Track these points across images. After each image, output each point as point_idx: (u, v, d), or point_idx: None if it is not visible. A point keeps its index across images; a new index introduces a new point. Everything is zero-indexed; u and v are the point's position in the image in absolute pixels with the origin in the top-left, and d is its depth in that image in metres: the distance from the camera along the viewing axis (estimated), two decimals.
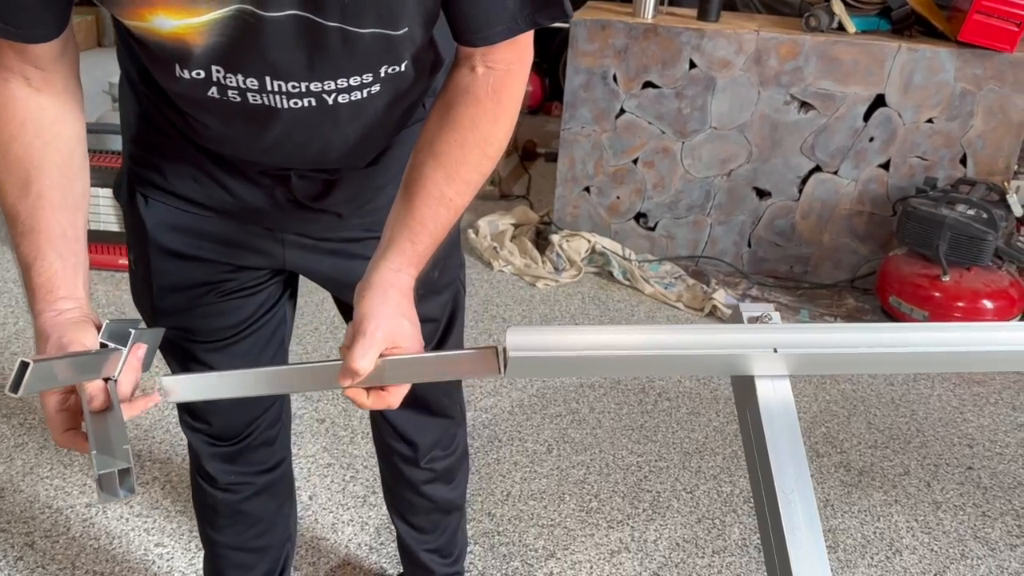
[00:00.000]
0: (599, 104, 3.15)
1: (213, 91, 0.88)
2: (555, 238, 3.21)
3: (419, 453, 1.36)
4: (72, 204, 0.87)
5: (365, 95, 0.92)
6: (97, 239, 2.88)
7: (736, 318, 0.99)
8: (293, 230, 1.11)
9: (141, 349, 0.83)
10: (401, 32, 0.85)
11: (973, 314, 2.76)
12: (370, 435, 2.24)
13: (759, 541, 1.96)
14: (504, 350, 0.84)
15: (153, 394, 0.84)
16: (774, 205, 3.18)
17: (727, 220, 3.24)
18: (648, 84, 3.09)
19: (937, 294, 2.80)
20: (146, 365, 0.89)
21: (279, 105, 0.89)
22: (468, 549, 1.82)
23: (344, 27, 0.81)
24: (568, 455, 2.21)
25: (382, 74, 0.90)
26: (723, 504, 2.08)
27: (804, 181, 3.13)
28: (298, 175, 1.05)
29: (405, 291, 0.87)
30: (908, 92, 2.93)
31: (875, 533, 2.02)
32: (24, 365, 0.69)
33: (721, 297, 2.96)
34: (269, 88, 0.87)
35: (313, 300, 2.81)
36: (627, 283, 3.12)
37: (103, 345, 0.82)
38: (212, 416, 1.24)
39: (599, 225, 3.31)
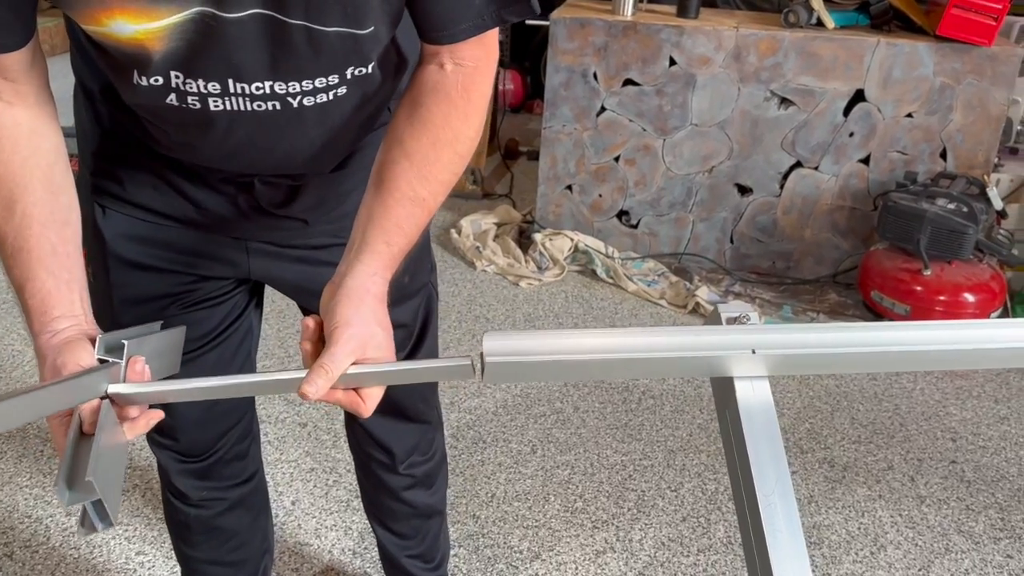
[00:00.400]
0: (580, 102, 3.14)
1: (172, 98, 0.86)
2: (538, 237, 3.21)
3: (397, 460, 1.34)
4: (60, 218, 0.84)
5: (331, 97, 0.90)
6: None
7: (715, 319, 0.98)
8: (257, 237, 1.09)
9: (139, 361, 0.80)
10: (367, 31, 0.83)
11: (955, 308, 2.78)
12: None
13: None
14: (481, 356, 0.83)
15: (156, 412, 0.81)
16: (755, 201, 3.19)
17: (709, 217, 3.24)
18: (628, 82, 3.09)
19: (919, 288, 2.81)
20: (166, 370, 0.87)
21: (242, 108, 0.87)
22: (452, 552, 1.81)
23: (309, 25, 0.80)
24: (553, 455, 2.21)
25: (348, 76, 0.89)
26: (708, 502, 2.08)
27: (785, 177, 3.14)
28: (262, 181, 1.02)
29: (380, 296, 0.84)
30: (887, 87, 2.94)
31: (859, 528, 2.02)
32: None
33: (704, 294, 2.96)
34: (232, 91, 0.84)
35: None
36: (610, 281, 3.11)
37: (102, 361, 0.79)
38: (179, 433, 1.22)
39: (582, 223, 3.30)
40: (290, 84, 0.86)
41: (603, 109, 3.13)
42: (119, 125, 1.00)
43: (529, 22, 4.98)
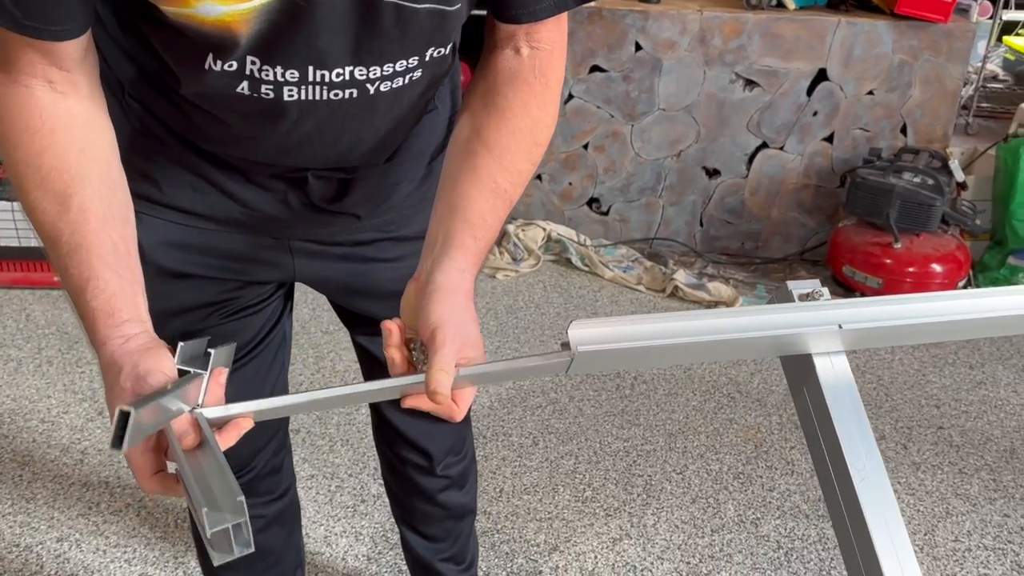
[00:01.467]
0: None
1: (243, 86, 0.81)
2: (511, 228, 3.18)
3: (434, 462, 1.30)
4: (119, 215, 0.78)
5: (406, 82, 0.86)
6: (30, 256, 2.73)
7: (785, 297, 0.97)
8: (302, 236, 1.04)
9: (223, 373, 0.75)
10: (455, 7, 0.80)
11: (924, 278, 2.85)
12: (350, 442, 2.18)
13: (754, 516, 1.98)
14: (567, 346, 0.81)
15: (246, 419, 0.75)
16: (724, 183, 3.22)
17: (679, 201, 3.26)
18: (595, 68, 3.08)
19: (889, 261, 2.87)
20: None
21: (318, 97, 0.82)
22: None
23: (400, 3, 0.76)
24: (555, 446, 2.19)
25: (427, 58, 0.85)
26: (714, 482, 2.09)
27: (752, 158, 3.17)
28: (315, 176, 0.98)
29: (469, 293, 0.81)
30: (848, 65, 2.99)
31: None
32: (125, 415, 0.60)
33: (682, 277, 2.98)
34: (311, 79, 0.80)
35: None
36: (586, 269, 3.11)
37: (181, 372, 0.73)
38: None
39: (552, 212, 3.29)
40: (371, 69, 0.82)
41: (570, 96, 3.12)
42: (154, 121, 0.94)
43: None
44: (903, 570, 0.86)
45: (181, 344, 0.75)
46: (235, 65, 0.78)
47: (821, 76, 3.02)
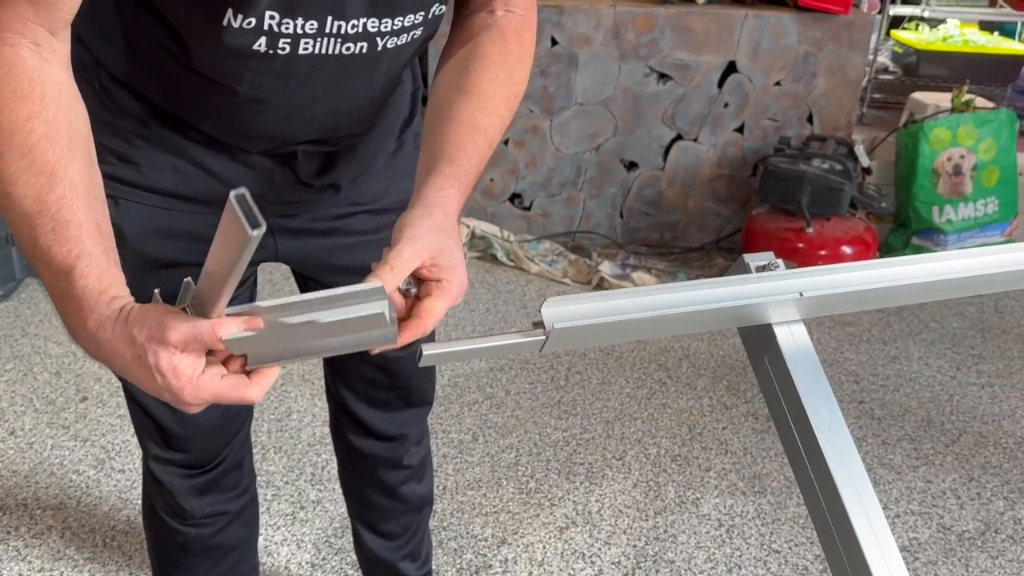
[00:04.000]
0: None
1: (261, 42, 0.79)
2: None
3: (401, 451, 1.29)
4: (100, 195, 0.73)
5: (409, 39, 0.87)
6: None
7: (742, 269, 1.00)
8: (283, 213, 1.02)
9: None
10: None
11: (835, 261, 2.95)
12: (283, 449, 2.13)
13: (694, 496, 2.02)
14: (539, 324, 0.82)
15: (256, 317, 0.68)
16: (642, 176, 3.27)
17: (599, 194, 3.30)
18: None
19: (802, 245, 2.98)
20: None
21: (329, 51, 0.82)
22: None
23: None
24: (495, 440, 2.18)
25: (430, 14, 0.86)
26: (653, 466, 2.12)
27: (667, 150, 3.24)
28: (303, 152, 0.97)
29: (448, 210, 0.80)
30: (757, 57, 3.09)
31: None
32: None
33: (607, 268, 3.01)
34: (328, 30, 0.80)
35: None
36: (512, 264, 3.11)
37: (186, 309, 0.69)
38: (191, 442, 1.13)
39: (475, 209, 3.28)
40: (383, 22, 0.82)
41: None
42: (135, 102, 0.90)
43: None
44: (872, 523, 0.89)
45: (187, 280, 0.70)
46: (253, 22, 0.77)
47: (731, 68, 3.11)
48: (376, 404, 1.23)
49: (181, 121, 0.91)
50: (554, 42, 3.05)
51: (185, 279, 0.68)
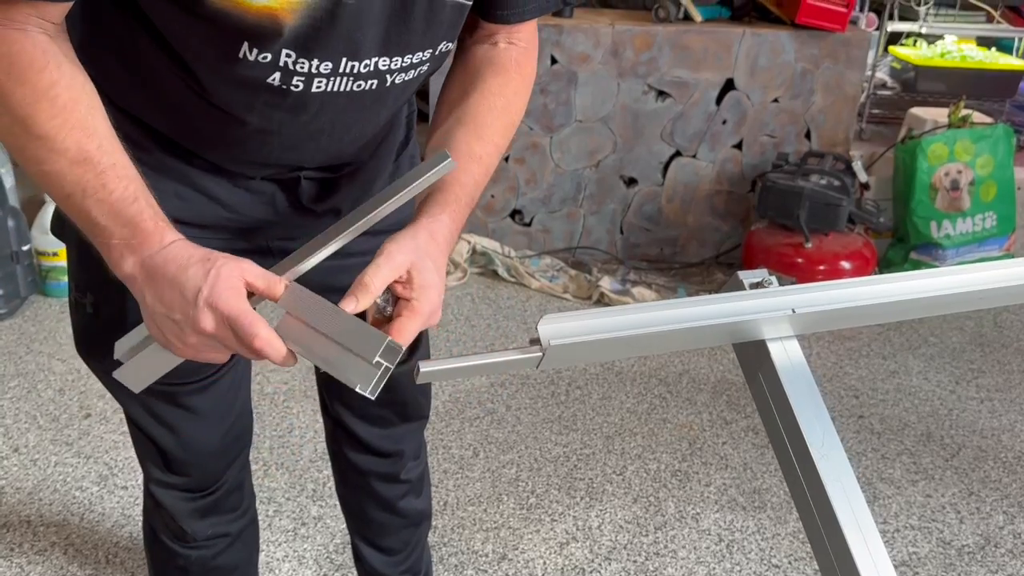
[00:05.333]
0: None
1: (275, 77, 0.81)
2: None
3: (399, 467, 1.30)
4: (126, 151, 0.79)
5: (416, 75, 0.89)
6: None
7: (736, 286, 1.01)
8: (283, 237, 1.03)
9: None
10: (469, 2, 0.84)
11: (834, 276, 2.98)
12: (285, 465, 2.14)
13: (695, 511, 2.02)
14: (537, 341, 0.84)
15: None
16: (641, 192, 3.30)
17: (599, 210, 3.32)
18: None
19: (800, 260, 2.99)
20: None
21: (341, 89, 0.84)
22: None
23: None
24: (495, 455, 2.19)
25: (437, 51, 0.88)
26: (653, 481, 2.13)
27: (666, 167, 3.26)
28: (306, 177, 0.99)
29: (435, 235, 0.84)
30: (754, 75, 3.11)
31: None
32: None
33: (607, 284, 3.03)
34: (342, 70, 0.82)
35: None
36: (512, 280, 3.13)
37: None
38: (192, 467, 1.14)
39: (476, 225, 3.30)
40: (393, 60, 0.84)
41: None
42: (137, 128, 0.92)
43: None
44: (866, 539, 0.90)
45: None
46: (269, 57, 0.79)
47: (729, 85, 3.14)
48: (372, 420, 1.24)
49: (185, 149, 0.93)
50: (554, 60, 3.08)
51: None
